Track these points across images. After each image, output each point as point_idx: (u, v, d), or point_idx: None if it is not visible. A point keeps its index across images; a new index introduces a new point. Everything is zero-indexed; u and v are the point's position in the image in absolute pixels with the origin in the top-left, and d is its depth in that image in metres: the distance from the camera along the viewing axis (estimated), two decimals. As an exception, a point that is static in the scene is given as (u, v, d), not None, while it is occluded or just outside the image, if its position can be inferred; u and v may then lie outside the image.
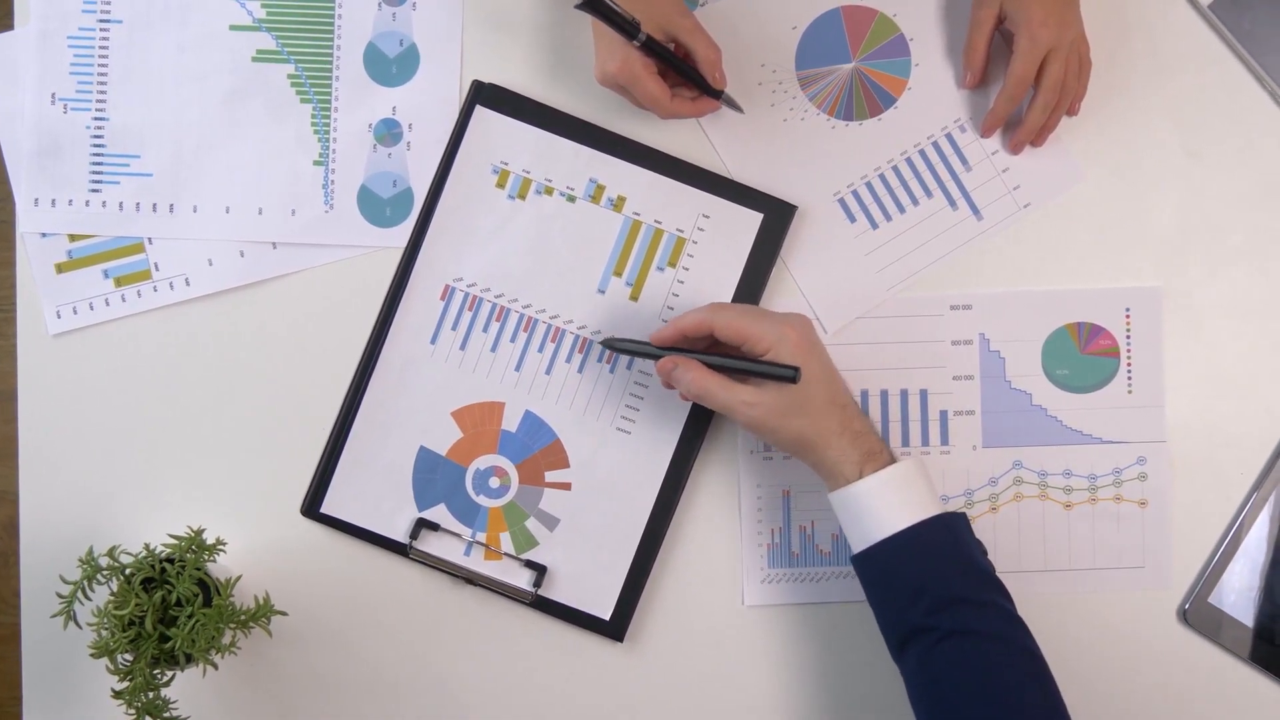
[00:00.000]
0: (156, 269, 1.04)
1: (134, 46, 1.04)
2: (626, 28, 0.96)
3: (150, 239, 1.04)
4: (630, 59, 0.98)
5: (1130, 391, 1.05)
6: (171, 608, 0.94)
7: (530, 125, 1.04)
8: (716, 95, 1.02)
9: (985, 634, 0.89)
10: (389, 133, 1.05)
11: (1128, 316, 1.05)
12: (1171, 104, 1.07)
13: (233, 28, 1.05)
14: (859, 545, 0.92)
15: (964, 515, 0.94)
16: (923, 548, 0.90)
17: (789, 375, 0.91)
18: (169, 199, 1.04)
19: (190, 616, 0.92)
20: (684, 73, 1.01)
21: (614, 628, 1.03)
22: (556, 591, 1.03)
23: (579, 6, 0.95)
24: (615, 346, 0.98)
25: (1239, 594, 1.04)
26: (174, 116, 1.04)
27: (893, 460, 0.93)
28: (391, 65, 1.05)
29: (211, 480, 1.04)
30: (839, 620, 1.03)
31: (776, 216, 1.03)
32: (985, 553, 0.93)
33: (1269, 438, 1.06)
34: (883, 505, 0.91)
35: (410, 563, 1.03)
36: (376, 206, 1.04)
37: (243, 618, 0.95)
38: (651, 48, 0.98)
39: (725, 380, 0.93)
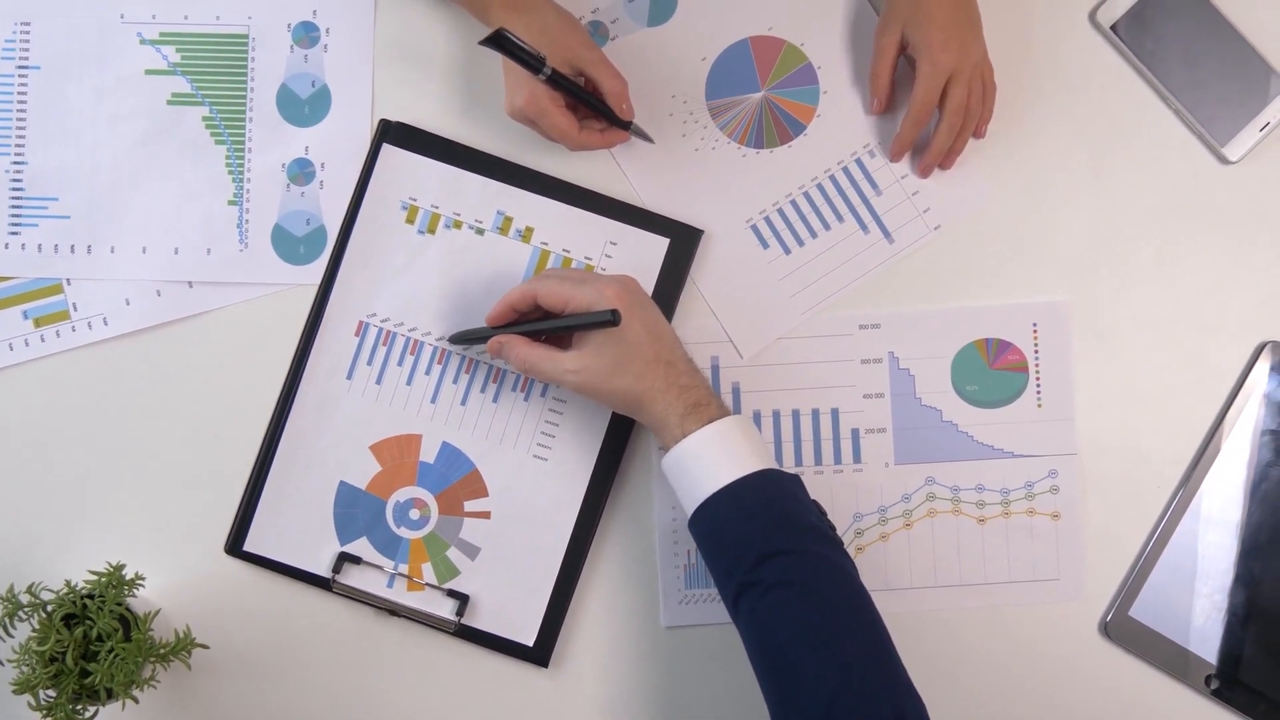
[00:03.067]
0: (75, 309, 1.10)
1: (52, 92, 1.12)
2: (532, 63, 1.03)
3: (69, 280, 1.11)
4: (537, 93, 1.05)
5: (1040, 405, 1.12)
6: (93, 643, 1.00)
7: (436, 161, 1.11)
8: (625, 126, 1.10)
9: (806, 583, 0.93)
10: (302, 172, 1.12)
11: (1035, 331, 1.12)
12: (1078, 124, 1.15)
13: (148, 72, 1.12)
14: (690, 507, 0.98)
15: (796, 476, 0.99)
16: (745, 502, 0.96)
17: (605, 319, 0.96)
18: (87, 240, 1.11)
19: (110, 651, 0.98)
20: (592, 105, 1.08)
21: (538, 653, 1.09)
22: (480, 620, 1.09)
23: (483, 42, 1.02)
24: (459, 339, 1.08)
25: (1161, 607, 1.11)
26: (91, 159, 1.11)
27: (723, 414, 0.99)
28: (304, 106, 1.12)
29: (135, 519, 1.11)
30: (758, 641, 1.10)
31: (683, 241, 1.11)
32: (823, 513, 0.99)
33: (1183, 450, 1.13)
34: (705, 463, 0.97)
35: (334, 596, 1.10)
36: (290, 245, 1.11)
37: (162, 651, 1.01)
38: (558, 81, 1.05)
39: (549, 351, 1.01)
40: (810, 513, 0.98)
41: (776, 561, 0.94)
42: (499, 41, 1.02)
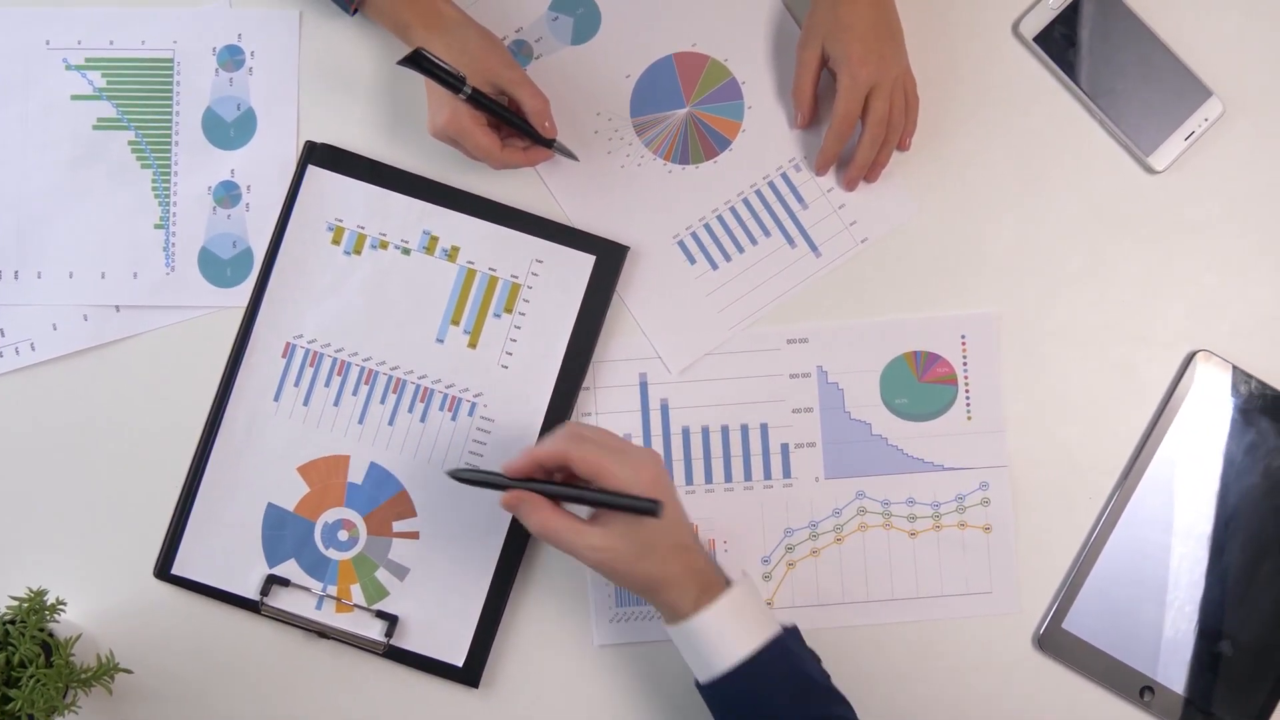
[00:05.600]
0: (2, 335, 1.11)
1: (-23, 119, 1.13)
2: (452, 82, 1.04)
3: (-5, 306, 1.11)
4: (459, 112, 1.06)
5: (969, 418, 1.12)
6: (14, 669, 1.00)
7: (362, 182, 1.12)
8: (548, 144, 1.10)
9: None
10: (228, 195, 1.13)
11: (963, 343, 1.12)
12: (1003, 135, 1.16)
13: (74, 97, 1.13)
14: (703, 676, 0.96)
15: (795, 628, 0.99)
16: (763, 676, 0.95)
17: (650, 509, 0.93)
18: (13, 266, 1.11)
19: (31, 677, 0.98)
20: (514, 124, 1.09)
21: (468, 674, 1.09)
22: (409, 641, 1.09)
23: (401, 62, 1.03)
24: (462, 478, 0.99)
25: (1095, 619, 1.11)
26: (17, 185, 1.12)
27: (726, 584, 0.97)
28: (229, 129, 1.13)
29: (64, 544, 1.11)
30: (689, 658, 1.10)
31: (609, 258, 1.11)
32: (819, 660, 1.00)
33: (1115, 461, 1.13)
34: (719, 637, 0.95)
35: (263, 619, 1.10)
36: (217, 267, 1.12)
37: (84, 676, 1.01)
38: (479, 100, 1.06)
39: (573, 522, 0.95)
40: (816, 670, 0.99)
41: None
42: (417, 61, 1.03)
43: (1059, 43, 1.16)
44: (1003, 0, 1.17)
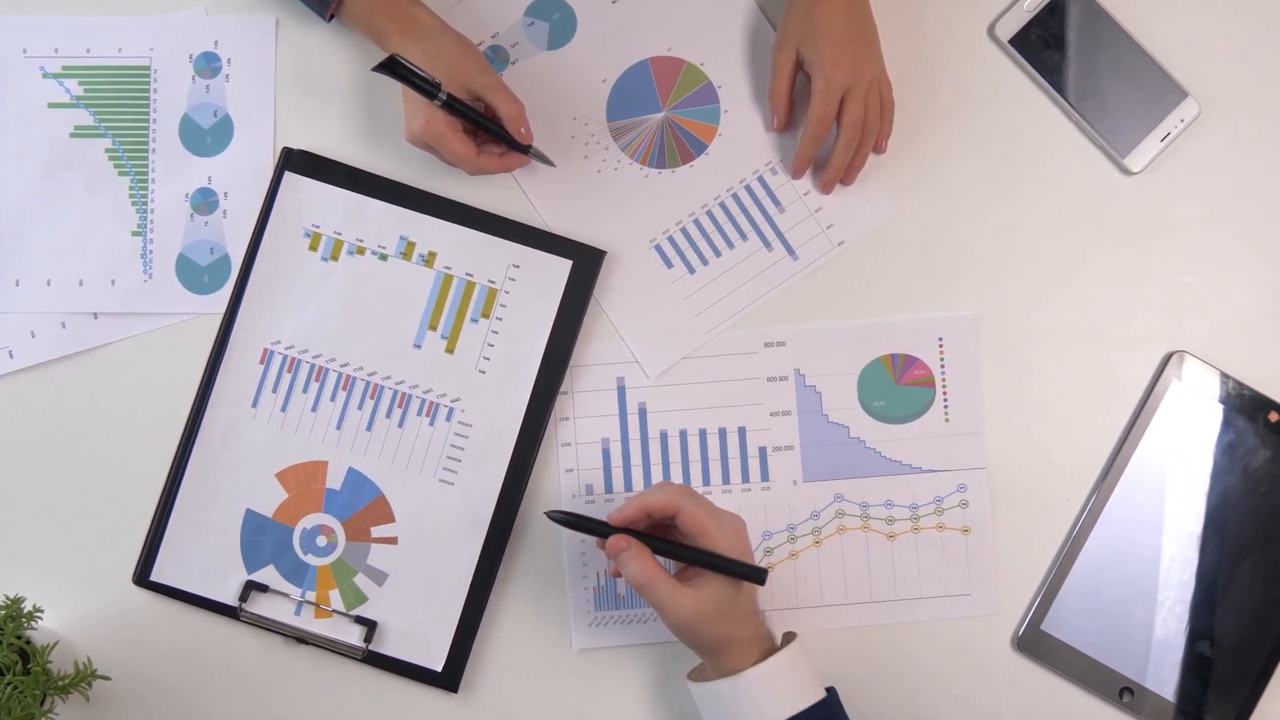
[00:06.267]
0: (-21, 343, 1.11)
1: (-45, 128, 1.13)
2: (427, 88, 1.04)
3: (-28, 315, 1.11)
4: (434, 118, 1.06)
5: (947, 420, 1.12)
6: (-9, 677, 1.00)
7: (339, 188, 1.12)
8: (524, 150, 1.10)
9: None
10: (205, 201, 1.13)
11: (940, 346, 1.12)
12: (980, 138, 1.16)
13: (51, 105, 1.13)
14: None
15: (834, 691, 1.00)
16: None
17: (760, 578, 0.97)
18: (-9, 274, 1.12)
19: (8, 684, 0.98)
20: (490, 129, 1.09)
21: (447, 679, 1.09)
22: (388, 646, 1.09)
23: (376, 69, 1.04)
24: (562, 520, 0.99)
25: (1074, 620, 1.11)
26: (-6, 194, 1.12)
27: (774, 645, 0.99)
28: (206, 136, 1.13)
29: (41, 552, 1.11)
30: (668, 659, 1.10)
31: (585, 262, 1.11)
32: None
33: (1093, 462, 1.13)
34: (765, 696, 0.97)
35: (242, 625, 1.10)
36: (195, 274, 1.12)
37: (61, 683, 1.01)
38: (454, 106, 1.06)
39: (670, 579, 0.96)
40: None
41: None
42: (392, 67, 1.04)
43: (1035, 45, 1.16)
44: (978, 3, 1.17)
